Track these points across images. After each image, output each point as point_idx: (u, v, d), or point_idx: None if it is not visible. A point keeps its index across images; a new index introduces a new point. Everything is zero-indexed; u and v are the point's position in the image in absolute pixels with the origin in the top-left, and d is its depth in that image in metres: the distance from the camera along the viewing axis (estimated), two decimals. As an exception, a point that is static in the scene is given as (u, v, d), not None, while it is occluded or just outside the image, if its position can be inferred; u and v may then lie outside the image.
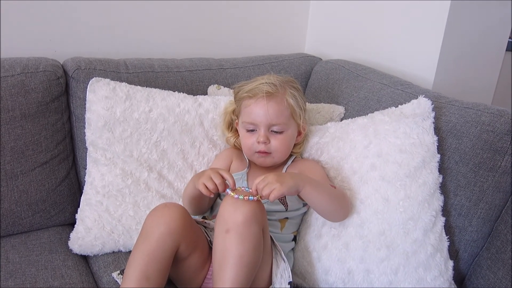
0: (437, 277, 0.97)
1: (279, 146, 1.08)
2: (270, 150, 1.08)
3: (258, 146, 1.08)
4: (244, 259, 0.85)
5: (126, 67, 1.29)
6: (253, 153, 1.10)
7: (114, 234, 1.12)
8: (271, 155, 1.09)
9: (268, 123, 1.06)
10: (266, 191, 0.90)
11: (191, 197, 1.05)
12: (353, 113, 1.27)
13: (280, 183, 0.91)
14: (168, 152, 1.19)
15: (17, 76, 1.14)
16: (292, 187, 0.93)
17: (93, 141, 1.15)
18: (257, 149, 1.09)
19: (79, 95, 1.21)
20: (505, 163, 0.99)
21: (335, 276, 1.01)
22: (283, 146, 1.09)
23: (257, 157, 1.11)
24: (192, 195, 1.04)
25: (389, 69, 1.43)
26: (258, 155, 1.10)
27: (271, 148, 1.08)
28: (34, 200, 1.17)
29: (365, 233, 1.00)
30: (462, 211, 1.02)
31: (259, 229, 0.88)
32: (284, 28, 1.74)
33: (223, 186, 0.94)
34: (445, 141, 1.04)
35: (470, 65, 1.40)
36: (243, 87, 1.11)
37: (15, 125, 1.13)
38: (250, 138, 1.09)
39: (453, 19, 1.27)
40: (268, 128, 1.07)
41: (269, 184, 0.90)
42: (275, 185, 0.90)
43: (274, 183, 0.90)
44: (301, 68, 1.53)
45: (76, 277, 1.04)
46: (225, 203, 0.89)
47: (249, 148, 1.10)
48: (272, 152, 1.09)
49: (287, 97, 1.08)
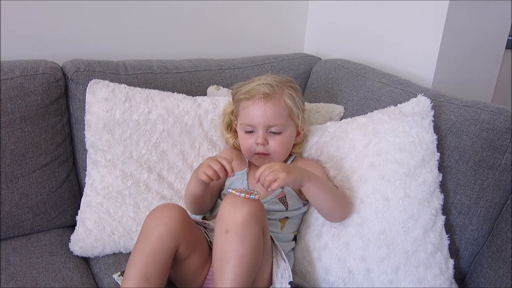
0: (438, 275, 0.96)
1: (278, 147, 1.08)
2: (269, 151, 1.08)
3: (257, 148, 1.08)
4: (244, 259, 0.85)
5: (125, 69, 1.29)
6: (252, 154, 1.10)
7: (115, 235, 1.12)
8: (269, 156, 1.09)
9: (266, 124, 1.06)
10: (271, 177, 0.91)
11: (192, 195, 1.05)
12: (352, 112, 1.27)
13: (287, 173, 0.92)
14: (168, 153, 1.19)
15: (17, 79, 1.14)
16: (297, 179, 0.94)
17: (92, 143, 1.16)
18: (256, 150, 1.09)
19: (79, 97, 1.21)
20: (505, 161, 0.99)
21: (336, 276, 1.01)
22: (282, 147, 1.09)
23: (256, 159, 1.11)
24: (194, 192, 1.04)
25: (389, 68, 1.42)
26: (257, 156, 1.10)
27: (270, 150, 1.08)
28: (35, 203, 1.17)
29: (365, 232, 1.00)
30: (462, 209, 1.02)
31: (259, 229, 0.88)
32: (283, 28, 1.74)
33: (223, 171, 0.96)
34: (445, 139, 1.04)
35: (469, 64, 1.39)
36: (240, 88, 1.11)
37: (15, 128, 1.13)
38: (248, 139, 1.10)
39: (452, 17, 1.27)
40: (266, 129, 1.07)
41: (275, 172, 0.91)
42: (282, 174, 0.91)
43: (281, 172, 0.91)
44: (300, 68, 1.53)
45: (77, 279, 1.05)
46: (225, 203, 0.89)
47: (248, 149, 1.10)
48: (271, 153, 1.09)
49: (284, 98, 1.08)
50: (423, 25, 1.33)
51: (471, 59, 1.39)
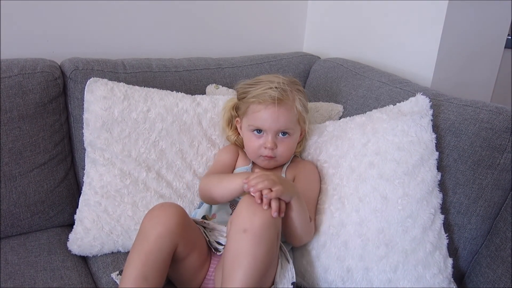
0: (436, 274, 0.96)
1: (284, 151, 1.09)
2: (276, 154, 1.09)
3: (265, 151, 1.08)
4: (258, 261, 0.84)
5: (124, 67, 1.29)
6: (258, 156, 1.10)
7: (113, 234, 1.12)
8: (275, 159, 1.10)
9: (277, 129, 1.07)
10: (262, 185, 0.89)
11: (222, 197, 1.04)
12: (351, 111, 1.26)
13: (283, 186, 0.91)
14: (167, 152, 1.18)
15: (15, 77, 1.14)
16: (289, 194, 0.93)
17: (91, 142, 1.15)
18: (264, 153, 1.09)
19: (77, 95, 1.21)
20: (504, 161, 0.99)
21: (334, 275, 1.01)
22: (288, 150, 1.10)
23: (261, 160, 1.11)
24: (225, 197, 1.03)
25: (388, 67, 1.42)
26: (263, 158, 1.10)
27: (277, 153, 1.09)
28: (33, 201, 1.17)
29: (364, 231, 0.99)
30: (461, 208, 1.02)
31: (275, 233, 0.88)
32: (282, 27, 1.73)
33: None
34: (444, 138, 1.04)
35: (469, 63, 1.39)
36: (249, 89, 1.09)
37: (13, 126, 1.13)
38: (256, 141, 1.09)
39: (452, 16, 1.27)
40: (276, 133, 1.08)
41: (272, 182, 0.90)
42: (278, 186, 0.90)
43: (278, 184, 0.90)
44: (300, 67, 1.53)
45: (75, 278, 1.04)
46: (243, 204, 0.89)
47: (255, 151, 1.10)
48: (277, 156, 1.10)
49: (296, 104, 1.08)
50: (422, 24, 1.33)
51: (470, 58, 1.39)
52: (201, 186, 1.10)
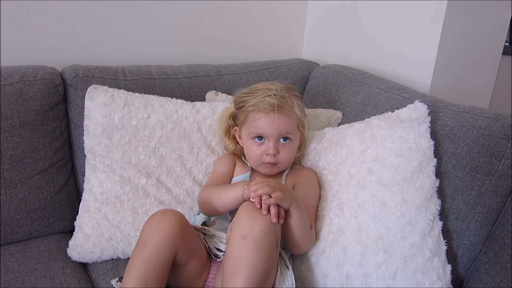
0: (435, 281, 0.97)
1: (286, 156, 1.10)
2: (278, 160, 1.09)
3: (267, 158, 1.09)
4: (258, 267, 0.84)
5: (124, 74, 1.29)
6: (260, 163, 1.11)
7: (113, 241, 1.12)
8: (277, 165, 1.10)
9: (278, 135, 1.07)
10: (262, 190, 0.90)
11: (223, 207, 1.04)
12: (350, 118, 1.27)
13: (283, 193, 0.91)
14: (167, 158, 1.19)
15: (16, 85, 1.14)
16: (289, 201, 0.94)
17: (91, 148, 1.16)
18: (266, 160, 1.09)
19: (78, 102, 1.21)
20: (502, 167, 0.99)
21: (334, 281, 1.01)
22: (290, 156, 1.11)
23: (264, 167, 1.11)
24: (227, 207, 1.03)
25: (386, 74, 1.43)
26: (265, 165, 1.10)
27: (279, 159, 1.09)
28: (33, 208, 1.17)
29: (363, 237, 1.00)
30: (460, 215, 1.03)
31: (274, 240, 0.88)
32: (282, 34, 1.74)
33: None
34: (442, 145, 1.04)
35: (467, 70, 1.40)
36: (247, 98, 1.10)
37: (14, 133, 1.14)
38: (257, 148, 1.10)
39: (450, 23, 1.28)
40: (277, 140, 1.08)
41: (272, 188, 0.91)
42: (278, 192, 0.91)
43: (278, 190, 0.91)
44: (299, 74, 1.54)
45: (75, 285, 1.04)
46: (243, 211, 0.89)
47: (257, 159, 1.10)
48: (279, 162, 1.10)
49: (295, 110, 1.09)
50: (420, 31, 1.34)
51: (469, 65, 1.40)
52: (201, 198, 1.10)
